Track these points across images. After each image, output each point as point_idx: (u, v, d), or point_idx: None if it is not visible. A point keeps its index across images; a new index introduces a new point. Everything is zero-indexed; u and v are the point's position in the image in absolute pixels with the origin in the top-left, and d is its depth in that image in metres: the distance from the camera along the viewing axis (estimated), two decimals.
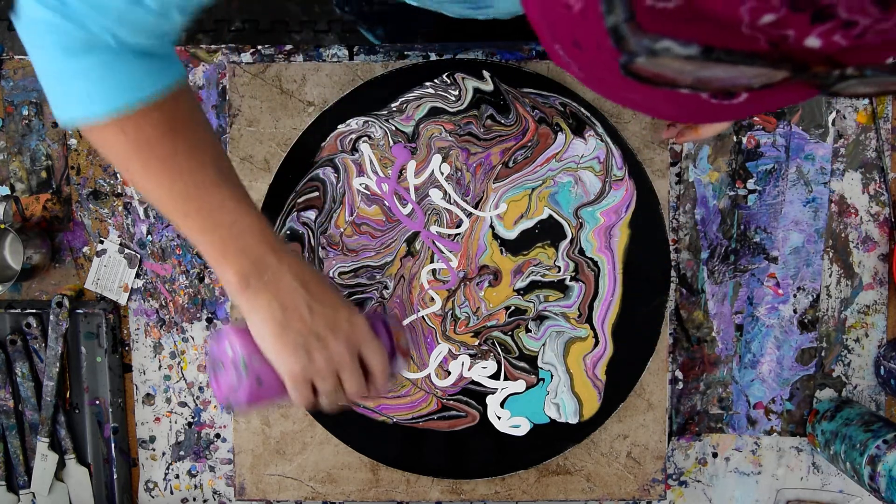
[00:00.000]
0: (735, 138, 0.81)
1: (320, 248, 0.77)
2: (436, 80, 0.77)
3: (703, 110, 0.31)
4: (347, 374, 0.53)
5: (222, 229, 0.51)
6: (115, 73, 0.49)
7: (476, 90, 0.76)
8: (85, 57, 0.48)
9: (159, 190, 0.51)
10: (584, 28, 0.29)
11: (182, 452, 0.84)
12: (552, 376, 0.77)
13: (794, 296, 0.81)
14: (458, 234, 0.77)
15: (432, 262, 0.77)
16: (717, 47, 0.24)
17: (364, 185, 0.77)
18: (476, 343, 0.78)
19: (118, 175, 0.83)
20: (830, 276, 0.82)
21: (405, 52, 0.81)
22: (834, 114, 0.80)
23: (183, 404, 0.84)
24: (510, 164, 0.76)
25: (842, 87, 0.26)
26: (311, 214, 0.77)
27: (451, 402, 0.78)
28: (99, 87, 0.49)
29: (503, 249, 0.77)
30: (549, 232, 0.77)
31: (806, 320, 0.82)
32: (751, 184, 0.81)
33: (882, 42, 0.25)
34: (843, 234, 0.81)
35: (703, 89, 0.27)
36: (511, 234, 0.77)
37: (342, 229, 0.77)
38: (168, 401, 0.84)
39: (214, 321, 0.83)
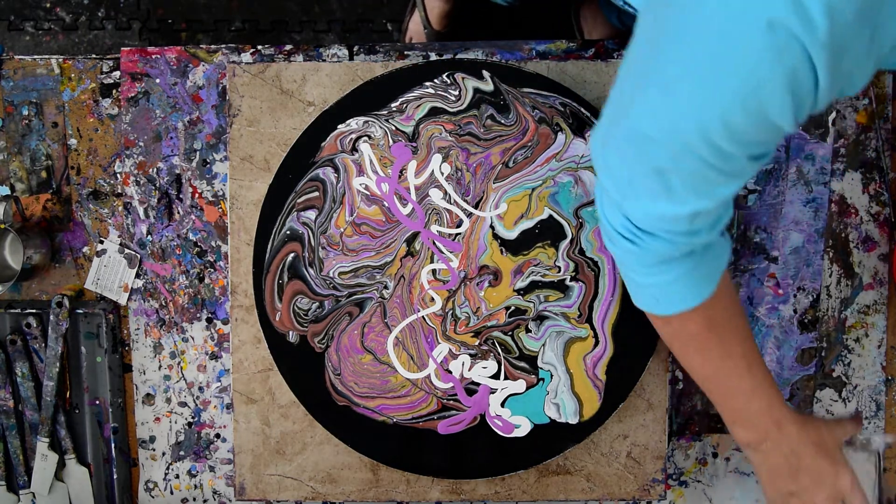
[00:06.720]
0: None
1: (320, 248, 0.77)
2: (436, 80, 0.77)
3: None
4: None
5: (735, 411, 0.66)
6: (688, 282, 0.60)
7: (476, 90, 0.76)
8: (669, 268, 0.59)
9: (693, 367, 0.67)
10: None
11: (182, 452, 0.84)
12: (552, 376, 0.77)
13: (794, 296, 0.82)
14: (459, 234, 0.77)
15: (432, 262, 0.77)
16: None
17: (364, 185, 0.77)
18: (476, 343, 0.78)
19: (118, 175, 0.83)
20: (830, 276, 0.82)
21: (405, 52, 0.81)
22: (834, 114, 0.80)
23: (183, 404, 0.84)
24: (510, 164, 0.76)
25: None
26: (311, 214, 0.77)
27: (451, 402, 0.78)
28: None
29: (503, 249, 0.77)
30: (549, 232, 0.77)
31: (806, 320, 0.82)
32: (751, 184, 0.81)
33: None
34: (843, 234, 0.81)
35: None
36: (511, 234, 0.77)
37: (342, 229, 0.77)
38: (168, 401, 0.84)
39: (214, 321, 0.83)
